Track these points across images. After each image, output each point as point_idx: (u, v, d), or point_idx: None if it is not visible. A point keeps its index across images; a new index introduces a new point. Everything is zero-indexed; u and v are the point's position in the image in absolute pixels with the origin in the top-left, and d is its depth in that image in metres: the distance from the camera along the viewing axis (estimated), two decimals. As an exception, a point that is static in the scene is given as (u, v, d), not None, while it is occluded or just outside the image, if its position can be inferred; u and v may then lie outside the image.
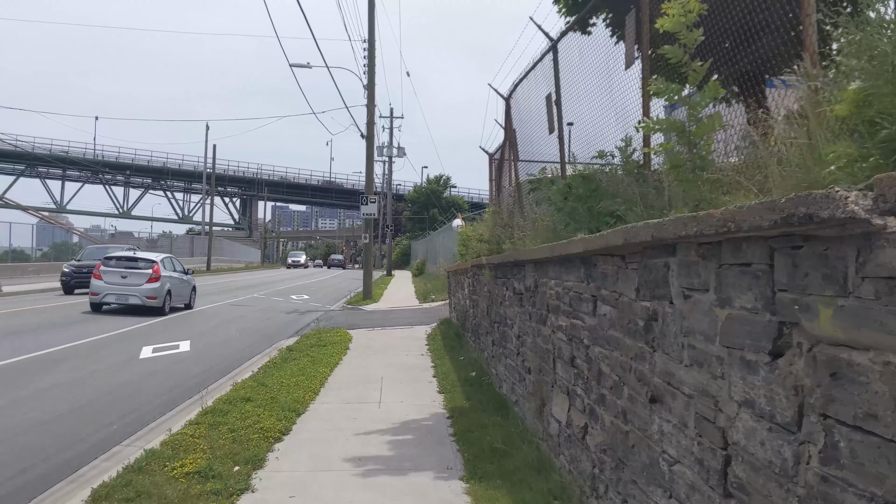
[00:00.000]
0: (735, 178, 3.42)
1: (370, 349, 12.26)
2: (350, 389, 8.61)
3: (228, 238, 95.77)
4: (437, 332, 14.38)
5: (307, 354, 10.99)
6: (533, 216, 8.58)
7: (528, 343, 6.13)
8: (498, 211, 12.46)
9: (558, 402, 4.97)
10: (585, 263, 4.27)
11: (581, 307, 4.40)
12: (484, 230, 12.20)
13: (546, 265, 5.42)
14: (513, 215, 11.07)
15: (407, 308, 21.67)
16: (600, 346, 4.01)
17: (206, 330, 15.21)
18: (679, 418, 2.85)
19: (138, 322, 15.88)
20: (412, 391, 8.52)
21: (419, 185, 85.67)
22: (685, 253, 2.79)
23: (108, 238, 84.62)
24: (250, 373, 9.60)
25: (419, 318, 17.89)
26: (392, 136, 55.72)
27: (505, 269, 7.46)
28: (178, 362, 11.07)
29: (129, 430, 7.01)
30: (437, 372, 9.79)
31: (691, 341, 2.73)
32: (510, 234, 10.90)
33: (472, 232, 14.98)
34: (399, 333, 14.72)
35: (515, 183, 10.99)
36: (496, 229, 11.71)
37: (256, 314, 19.26)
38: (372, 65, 24.59)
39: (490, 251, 11.62)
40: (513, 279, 6.96)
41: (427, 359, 11.14)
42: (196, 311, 19.32)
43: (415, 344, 12.95)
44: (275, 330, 15.77)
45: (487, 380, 8.74)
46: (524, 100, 9.85)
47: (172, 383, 9.36)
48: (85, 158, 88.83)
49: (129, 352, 11.71)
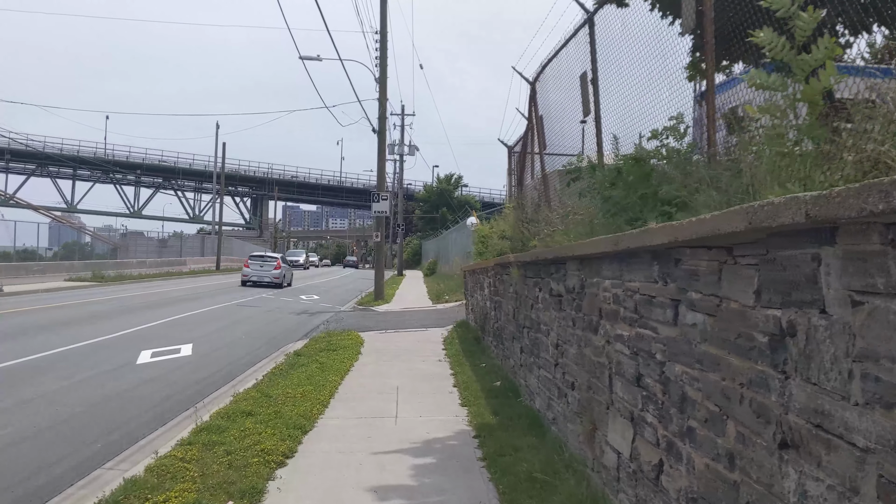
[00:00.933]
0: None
1: (383, 354, 11.41)
2: (363, 401, 7.76)
3: (239, 238, 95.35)
4: (453, 335, 13.52)
5: (316, 360, 10.15)
6: (565, 210, 7.72)
7: (571, 354, 5.26)
8: (520, 206, 11.59)
9: (617, 429, 4.10)
10: (660, 259, 3.40)
11: (652, 314, 3.53)
12: (505, 227, 11.33)
13: (597, 262, 4.55)
14: (539, 209, 10.21)
15: (420, 309, 20.83)
16: (684, 365, 3.14)
17: (210, 332, 14.41)
18: (841, 479, 1.98)
19: (142, 323, 15.11)
20: (432, 403, 7.66)
21: (430, 185, 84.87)
22: (853, 240, 1.92)
23: (118, 238, 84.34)
24: (254, 381, 8.77)
25: (433, 320, 17.04)
26: (403, 134, 54.92)
27: (537, 268, 6.59)
28: (178, 368, 10.26)
29: (113, 449, 6.20)
30: (457, 381, 8.93)
31: (870, 369, 1.86)
32: (536, 229, 10.05)
33: (492, 229, 14.13)
34: (413, 337, 13.87)
35: (542, 174, 10.13)
36: (519, 225, 10.85)
37: (264, 315, 18.46)
38: (384, 57, 23.75)
39: (513, 248, 10.76)
40: (548, 279, 6.09)
41: (445, 365, 10.28)
42: (202, 312, 18.53)
43: (431, 348, 12.10)
44: (283, 332, 14.96)
45: (515, 391, 7.87)
46: (553, 81, 8.97)
47: (168, 392, 8.54)
48: (96, 158, 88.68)
49: (126, 356, 10.91)
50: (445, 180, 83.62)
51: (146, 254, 52.77)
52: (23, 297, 21.26)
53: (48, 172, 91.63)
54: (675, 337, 3.25)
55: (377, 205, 23.76)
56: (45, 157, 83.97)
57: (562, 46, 8.37)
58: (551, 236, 7.69)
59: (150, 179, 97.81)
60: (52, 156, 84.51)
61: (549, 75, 9.44)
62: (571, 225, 7.20)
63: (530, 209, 11.01)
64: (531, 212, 10.92)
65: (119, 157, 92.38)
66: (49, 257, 44.87)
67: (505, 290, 9.08)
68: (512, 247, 10.76)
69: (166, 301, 21.73)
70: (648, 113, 6.29)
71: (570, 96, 8.36)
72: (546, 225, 9.21)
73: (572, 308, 5.25)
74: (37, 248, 36.40)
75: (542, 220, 9.62)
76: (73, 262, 35.30)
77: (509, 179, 15.38)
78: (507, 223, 11.44)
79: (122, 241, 78.64)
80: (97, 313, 17.09)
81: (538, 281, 6.63)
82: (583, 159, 6.76)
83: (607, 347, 4.32)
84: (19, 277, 29.47)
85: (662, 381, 3.42)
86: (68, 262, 35.19)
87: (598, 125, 7.39)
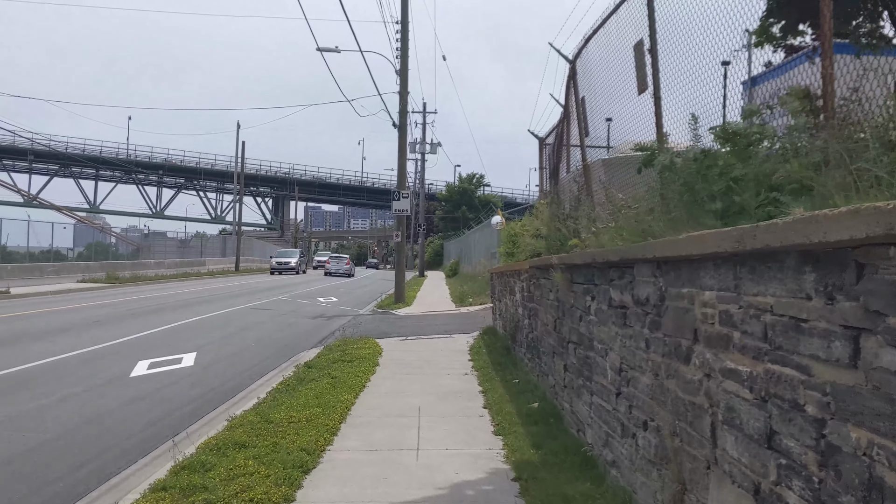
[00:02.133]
0: None
1: (403, 366, 10.28)
2: (378, 428, 6.62)
3: (259, 238, 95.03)
4: (480, 343, 12.36)
5: (328, 373, 9.05)
6: (617, 203, 6.54)
7: (644, 385, 4.09)
8: (556, 201, 10.41)
9: (727, 500, 2.92)
10: (823, 264, 2.23)
11: (801, 345, 2.35)
12: (539, 224, 10.16)
13: (689, 266, 3.37)
14: (579, 205, 9.04)
15: (443, 313, 19.70)
16: (874, 432, 1.96)
17: (217, 339, 13.39)
18: None
19: (147, 329, 14.14)
20: (459, 431, 6.50)
21: (451, 184, 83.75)
22: None
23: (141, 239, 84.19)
24: (255, 400, 7.69)
25: (458, 325, 15.90)
26: (425, 132, 53.91)
27: (590, 272, 5.41)
28: (175, 382, 9.22)
29: (77, 490, 5.15)
30: (487, 400, 7.77)
31: None
32: (576, 227, 8.91)
33: (523, 227, 12.96)
34: (436, 344, 12.73)
35: (582, 164, 8.93)
36: (555, 222, 9.68)
37: (278, 319, 17.44)
38: (405, 48, 22.65)
39: (548, 248, 9.60)
40: (606, 286, 4.91)
41: (473, 380, 9.12)
42: (213, 316, 17.54)
43: (456, 359, 10.94)
44: (296, 339, 13.91)
45: (556, 416, 6.69)
46: (599, 56, 7.77)
47: (159, 413, 7.48)
48: (118, 158, 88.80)
49: (120, 368, 9.90)
50: (467, 180, 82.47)
51: (167, 254, 52.33)
52: (29, 300, 20.46)
53: (71, 173, 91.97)
54: (854, 386, 2.07)
55: (398, 203, 22.68)
56: (68, 157, 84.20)
57: (611, 13, 7.18)
58: (597, 234, 6.54)
59: (172, 180, 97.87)
60: (75, 156, 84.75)
61: (592, 51, 8.25)
62: (625, 221, 6.04)
63: (567, 204, 9.83)
64: (569, 207, 9.74)
65: (141, 158, 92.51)
66: (73, 258, 44.65)
67: (542, 297, 7.90)
68: (547, 246, 9.59)
69: (177, 304, 20.83)
70: (713, 91, 5.16)
71: (621, 71, 7.17)
72: (589, 221, 8.05)
73: (645, 325, 4.07)
74: (51, 247, 35.79)
75: (583, 216, 8.47)
76: (89, 262, 34.68)
77: (541, 174, 14.22)
78: (542, 220, 10.26)
79: (144, 241, 78.61)
80: (101, 317, 16.17)
81: (590, 288, 5.45)
82: (646, 146, 5.57)
83: (708, 384, 3.14)
84: (34, 278, 28.83)
85: (822, 450, 2.24)
86: (84, 262, 34.57)
87: (658, 104, 6.20)
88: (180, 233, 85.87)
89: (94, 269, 33.48)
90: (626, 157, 7.35)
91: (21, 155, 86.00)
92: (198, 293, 26.23)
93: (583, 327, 5.74)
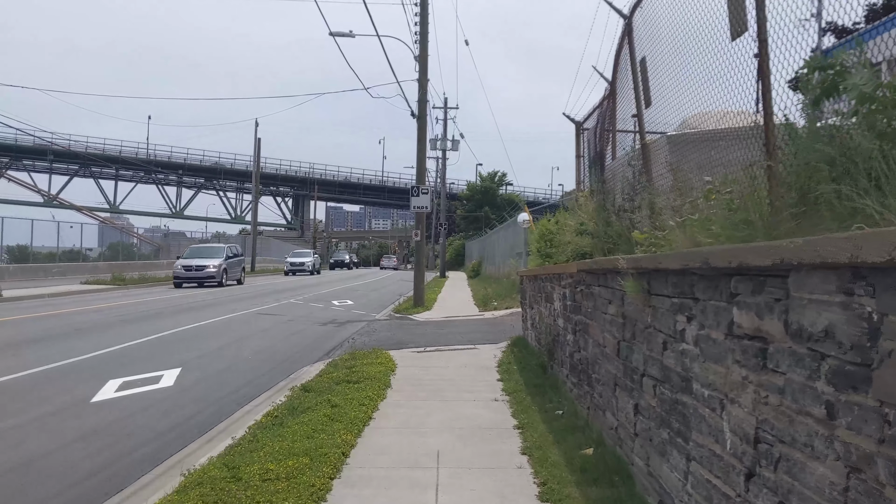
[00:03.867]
0: None
1: (419, 387, 8.60)
2: (382, 488, 4.94)
3: (279, 238, 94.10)
4: (509, 357, 10.66)
5: (328, 399, 7.41)
6: (705, 188, 4.81)
7: (821, 479, 2.38)
8: (602, 190, 8.66)
9: None
10: None
11: None
12: (585, 218, 8.42)
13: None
14: (635, 194, 7.31)
15: (465, 318, 18.01)
16: None
17: (210, 351, 11.82)
18: None
19: (132, 339, 12.62)
20: (492, 495, 4.79)
21: (473, 183, 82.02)
22: None
23: (160, 239, 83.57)
24: (230, 440, 6.07)
25: (482, 334, 14.20)
26: (446, 129, 52.26)
27: (687, 281, 3.70)
28: (145, 409, 7.64)
29: None
30: (526, 441, 6.07)
31: None
32: (629, 221, 7.22)
33: (557, 224, 11.23)
34: (459, 359, 11.04)
35: (640, 143, 7.19)
36: (603, 216, 7.97)
37: (284, 326, 15.85)
38: (424, 32, 20.98)
39: (594, 247, 7.89)
40: (723, 303, 3.20)
41: (504, 408, 7.42)
42: (213, 323, 16.01)
43: (482, 378, 9.25)
44: (300, 350, 12.30)
45: (622, 471, 4.97)
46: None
47: (105, 459, 5.88)
48: (138, 158, 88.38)
49: (83, 390, 8.35)
50: (489, 178, 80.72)
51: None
52: (20, 304, 19.12)
53: (91, 173, 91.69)
54: None
55: (417, 199, 21.01)
56: (88, 157, 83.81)
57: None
58: (682, 227, 4.84)
59: (191, 179, 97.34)
60: (95, 156, 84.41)
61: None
62: (716, 210, 4.36)
63: (619, 194, 8.08)
64: (620, 198, 8.00)
65: (161, 157, 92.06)
66: (95, 257, 44.02)
67: (596, 309, 6.18)
68: (594, 245, 7.87)
69: (178, 308, 19.36)
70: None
71: (703, 14, 5.42)
72: (653, 213, 6.34)
73: (821, 376, 2.36)
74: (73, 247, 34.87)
75: (644, 206, 6.77)
76: (97, 263, 33.47)
77: (577, 163, 12.45)
78: (586, 213, 8.53)
79: (163, 241, 77.99)
80: (86, 325, 14.70)
81: (685, 304, 3.74)
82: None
83: None
84: (36, 279, 27.62)
85: None
86: (92, 263, 33.34)
87: (764, 50, 4.47)
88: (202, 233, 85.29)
89: (102, 270, 32.24)
90: (701, 134, 5.65)
91: (41, 155, 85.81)
92: (204, 295, 24.80)
93: (670, 359, 4.02)
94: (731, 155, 4.87)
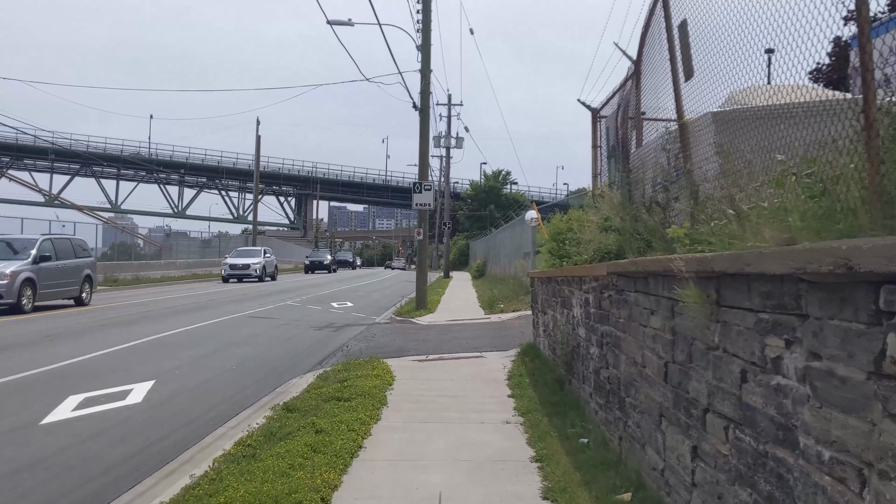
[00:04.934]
0: None
1: (419, 406, 7.53)
2: (369, 551, 3.88)
3: (281, 238, 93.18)
4: (520, 368, 9.60)
5: (313, 422, 6.35)
6: (784, 168, 3.74)
7: None
8: (628, 181, 7.56)
9: None
10: None
11: None
12: (610, 211, 7.34)
13: None
14: (670, 183, 6.24)
15: (470, 322, 16.94)
16: None
17: (190, 360, 10.77)
18: None
19: (104, 347, 11.59)
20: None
21: (477, 182, 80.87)
22: None
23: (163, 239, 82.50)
24: (187, 479, 5.02)
25: (489, 339, 13.15)
26: (450, 126, 51.19)
27: (790, 292, 2.64)
28: (101, 433, 6.59)
29: None
30: (547, 481, 4.99)
31: None
32: (661, 216, 6.22)
33: (568, 221, 10.14)
34: (463, 369, 9.97)
35: (678, 124, 6.10)
36: (630, 211, 6.90)
37: (277, 331, 14.79)
38: (427, 20, 19.92)
39: (620, 246, 6.83)
40: (859, 325, 2.15)
41: (518, 434, 6.34)
42: (199, 328, 14.97)
43: (491, 393, 8.19)
44: (290, 359, 11.25)
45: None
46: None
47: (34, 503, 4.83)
48: (139, 157, 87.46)
49: (38, 408, 7.31)
50: (493, 177, 79.60)
51: (190, 254, 50.61)
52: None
53: (92, 172, 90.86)
54: None
55: (419, 196, 19.95)
56: (90, 156, 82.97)
57: None
58: (722, 223, 3.83)
59: (193, 179, 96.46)
60: (97, 155, 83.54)
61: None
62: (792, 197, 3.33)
63: (651, 184, 7.00)
64: (651, 188, 6.92)
65: (163, 157, 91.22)
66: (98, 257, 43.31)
67: (632, 320, 5.10)
68: (620, 242, 6.80)
69: (166, 312, 18.34)
70: None
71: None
72: (696, 204, 5.31)
73: None
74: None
75: (683, 197, 5.73)
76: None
77: (594, 154, 11.37)
78: (610, 208, 7.45)
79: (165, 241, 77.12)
80: (59, 331, 13.67)
81: (781, 322, 2.67)
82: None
83: None
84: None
85: None
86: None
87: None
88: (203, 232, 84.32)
89: (97, 271, 31.20)
90: (764, 110, 4.59)
91: (42, 154, 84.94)
92: (198, 297, 23.80)
93: (754, 395, 2.94)
94: (809, 133, 3.77)
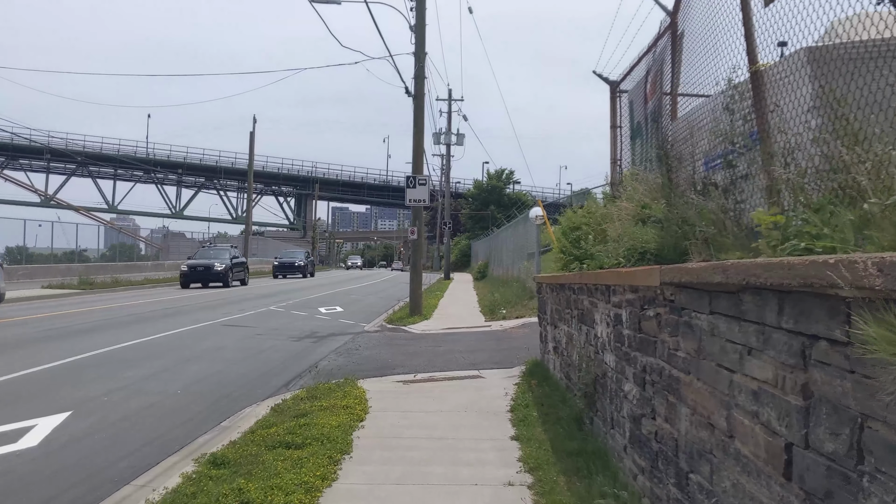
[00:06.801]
0: None
1: (394, 455, 5.73)
2: None
3: (281, 238, 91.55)
4: (525, 395, 7.81)
5: (239, 491, 4.58)
6: None
7: None
8: (667, 160, 5.73)
9: None
10: None
11: None
12: (646, 196, 5.54)
13: None
14: (737, 155, 4.46)
15: (469, 330, 15.17)
16: None
17: (130, 381, 9.00)
18: None
19: (37, 364, 9.84)
20: None
21: (479, 181, 79.08)
22: None
23: (160, 240, 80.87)
24: None
25: (489, 353, 11.38)
26: (450, 122, 49.45)
27: None
28: (-44, 498, 4.83)
29: None
30: None
31: None
32: (721, 202, 4.50)
33: (587, 214, 8.36)
34: (456, 396, 8.18)
35: (750, 72, 4.29)
36: (678, 196, 5.11)
37: (247, 342, 13.02)
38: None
39: (662, 243, 5.04)
40: None
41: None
42: (156, 339, 13.21)
43: (488, 434, 6.39)
44: (255, 377, 9.49)
45: None
46: None
47: None
48: (136, 157, 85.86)
49: None
50: (496, 176, 77.83)
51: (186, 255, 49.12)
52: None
53: (89, 172, 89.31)
54: None
55: (413, 191, 18.18)
56: (86, 156, 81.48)
57: None
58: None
59: (191, 179, 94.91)
60: (93, 155, 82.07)
61: None
62: None
63: (703, 160, 5.19)
64: (704, 165, 5.11)
65: (160, 157, 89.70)
66: (96, 258, 42.46)
67: (702, 357, 3.29)
68: (661, 238, 4.99)
69: (129, 319, 16.59)
70: None
71: None
72: (795, 188, 3.54)
73: None
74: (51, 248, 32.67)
75: (759, 174, 4.01)
76: (70, 265, 30.78)
77: (613, 135, 9.57)
78: (647, 192, 5.65)
79: (162, 242, 75.55)
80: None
81: None
82: None
83: None
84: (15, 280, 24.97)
85: None
86: (65, 265, 30.64)
87: None
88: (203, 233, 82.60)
89: (77, 272, 29.58)
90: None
91: (38, 154, 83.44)
92: (171, 302, 22.09)
93: None
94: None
